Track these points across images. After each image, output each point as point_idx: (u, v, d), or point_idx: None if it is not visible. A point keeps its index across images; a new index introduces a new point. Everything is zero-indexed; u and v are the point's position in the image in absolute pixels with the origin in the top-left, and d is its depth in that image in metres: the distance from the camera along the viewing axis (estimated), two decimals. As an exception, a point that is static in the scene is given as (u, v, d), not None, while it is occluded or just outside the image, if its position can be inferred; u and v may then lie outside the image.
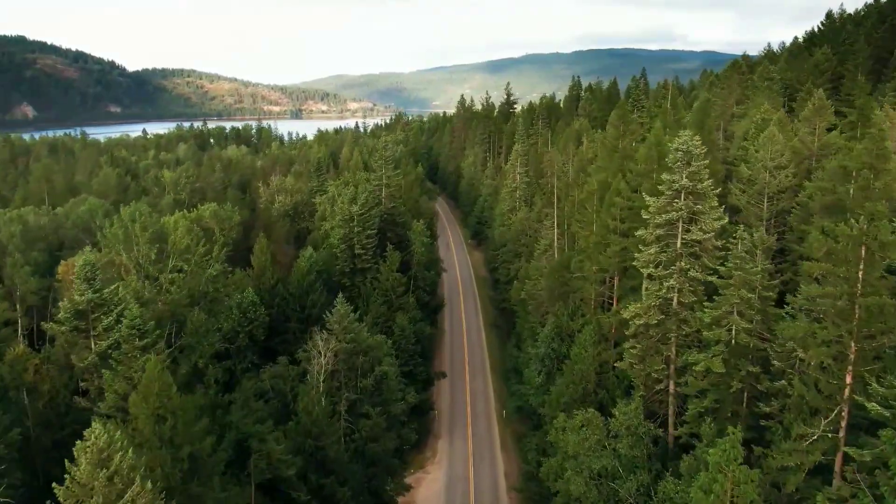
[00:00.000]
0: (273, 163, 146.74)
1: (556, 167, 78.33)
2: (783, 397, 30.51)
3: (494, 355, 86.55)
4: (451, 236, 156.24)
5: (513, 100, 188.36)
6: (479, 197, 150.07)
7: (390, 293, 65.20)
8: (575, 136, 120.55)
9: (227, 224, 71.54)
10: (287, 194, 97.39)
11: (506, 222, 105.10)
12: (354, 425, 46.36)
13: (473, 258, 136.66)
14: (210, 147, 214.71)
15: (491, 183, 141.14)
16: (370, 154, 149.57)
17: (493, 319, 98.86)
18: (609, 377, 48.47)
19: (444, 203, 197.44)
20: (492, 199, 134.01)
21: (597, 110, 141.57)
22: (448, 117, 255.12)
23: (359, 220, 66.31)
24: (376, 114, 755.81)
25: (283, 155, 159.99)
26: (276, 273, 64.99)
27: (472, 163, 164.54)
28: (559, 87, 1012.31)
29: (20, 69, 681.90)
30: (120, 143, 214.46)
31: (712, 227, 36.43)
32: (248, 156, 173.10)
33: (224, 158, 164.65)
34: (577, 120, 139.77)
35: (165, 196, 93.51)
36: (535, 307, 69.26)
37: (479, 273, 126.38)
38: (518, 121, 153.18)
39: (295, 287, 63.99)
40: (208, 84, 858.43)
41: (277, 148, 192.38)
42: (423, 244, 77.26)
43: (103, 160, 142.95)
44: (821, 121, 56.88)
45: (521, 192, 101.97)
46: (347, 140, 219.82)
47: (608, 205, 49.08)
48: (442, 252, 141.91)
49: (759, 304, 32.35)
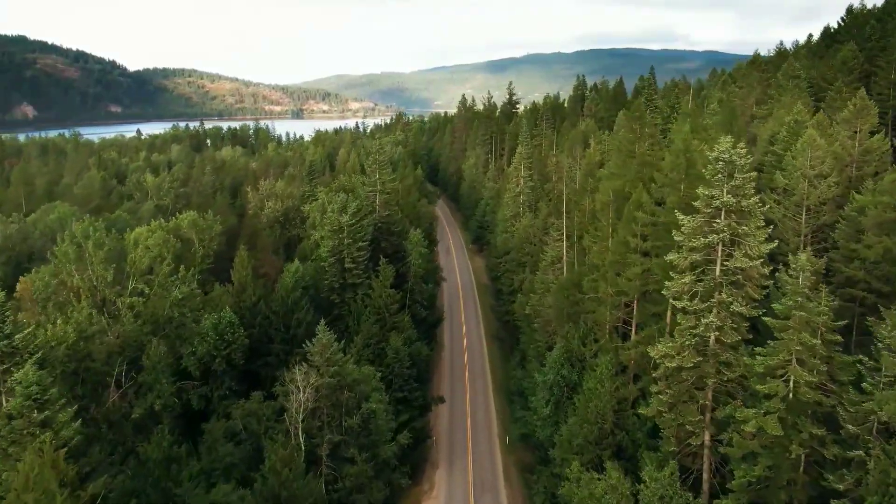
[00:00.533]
0: (267, 165, 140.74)
1: (564, 172, 72.00)
2: (859, 470, 24.34)
3: (497, 372, 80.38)
4: (452, 240, 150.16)
5: (515, 100, 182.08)
6: (480, 200, 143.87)
7: (383, 311, 59.00)
8: (581, 137, 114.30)
9: (207, 234, 65.36)
10: (277, 199, 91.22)
11: (509, 229, 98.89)
12: (338, 472, 40.20)
13: (475, 264, 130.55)
14: (206, 148, 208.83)
15: (493, 186, 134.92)
16: (367, 156, 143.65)
17: (496, 331, 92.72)
18: (628, 416, 42.30)
19: (445, 205, 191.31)
20: (494, 203, 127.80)
21: (603, 110, 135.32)
22: (449, 117, 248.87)
23: (349, 231, 60.12)
24: (377, 114, 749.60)
25: (278, 157, 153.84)
26: (259, 289, 58.83)
27: (473, 164, 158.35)
28: (561, 86, 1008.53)
29: (20, 69, 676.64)
30: (114, 143, 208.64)
31: (759, 251, 30.20)
32: (242, 157, 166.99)
33: (217, 160, 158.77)
34: (584, 121, 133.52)
35: (147, 202, 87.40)
36: (542, 326, 63.01)
37: (480, 280, 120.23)
38: (521, 121, 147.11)
39: (279, 304, 57.85)
40: (209, 84, 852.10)
41: (274, 149, 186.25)
42: (420, 255, 71.09)
43: (92, 162, 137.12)
44: (863, 123, 50.60)
45: (524, 197, 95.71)
46: (346, 141, 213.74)
47: (627, 219, 42.80)
48: (442, 257, 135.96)
49: (825, 350, 26.17)
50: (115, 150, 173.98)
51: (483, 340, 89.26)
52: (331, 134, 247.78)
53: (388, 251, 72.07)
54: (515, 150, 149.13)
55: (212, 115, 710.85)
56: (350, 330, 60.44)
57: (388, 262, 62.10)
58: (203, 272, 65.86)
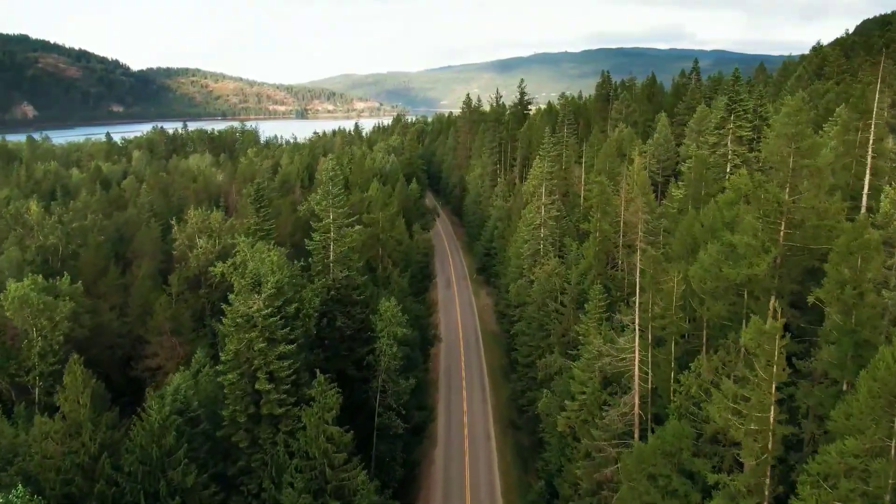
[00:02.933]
0: (231, 179, 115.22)
1: (621, 211, 45.90)
2: None
3: (511, 492, 54.62)
4: (453, 267, 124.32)
5: (527, 100, 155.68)
6: (487, 219, 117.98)
7: (321, 464, 33.50)
8: (615, 148, 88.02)
9: (52, 317, 39.91)
10: (212, 237, 65.73)
11: (525, 270, 73.11)
12: None
13: (480, 301, 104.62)
14: (183, 153, 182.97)
15: (502, 205, 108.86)
16: (350, 166, 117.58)
17: (509, 415, 67.07)
18: None
19: (447, 219, 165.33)
20: (503, 227, 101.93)
21: (637, 113, 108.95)
22: (452, 119, 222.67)
23: (264, 326, 34.46)
24: (383, 113, 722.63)
25: (251, 167, 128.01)
26: (105, 429, 33.51)
27: (479, 176, 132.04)
28: (569, 86, 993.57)
29: (21, 68, 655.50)
30: (70, 149, 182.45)
31: None
32: (212, 167, 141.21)
33: (183, 169, 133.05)
34: (614, 125, 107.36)
35: (30, 243, 61.97)
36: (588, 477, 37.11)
37: (487, 326, 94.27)
38: (536, 124, 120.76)
39: (138, 457, 32.55)
40: (213, 83, 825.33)
41: (254, 156, 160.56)
42: (396, 338, 45.32)
43: (17, 168, 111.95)
44: None
45: (547, 230, 69.71)
46: (336, 145, 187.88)
47: (874, 395, 16.95)
48: (440, 289, 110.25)
49: None
50: (53, 158, 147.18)
51: (491, 435, 63.44)
52: (325, 136, 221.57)
53: (346, 332, 46.45)
54: (529, 159, 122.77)
55: (215, 115, 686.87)
56: (266, 496, 34.89)
57: (329, 380, 36.20)
58: (50, 377, 40.56)
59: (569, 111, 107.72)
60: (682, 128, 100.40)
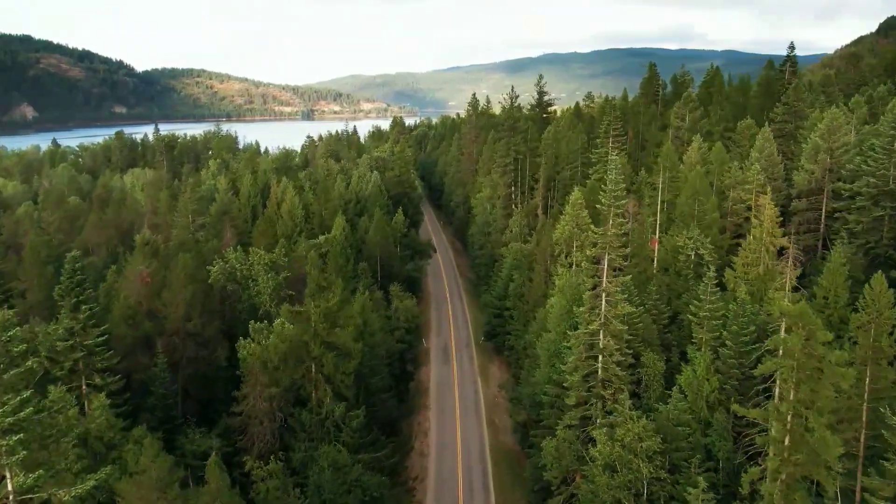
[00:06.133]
0: (166, 205, 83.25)
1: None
2: None
3: None
4: (453, 322, 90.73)
5: (548, 100, 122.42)
6: (498, 260, 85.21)
7: None
8: (701, 173, 54.82)
9: None
10: None
11: (562, 380, 40.18)
12: None
13: (488, 388, 71.25)
14: (141, 164, 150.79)
15: (521, 248, 75.79)
16: (312, 191, 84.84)
17: None
18: None
19: (447, 243, 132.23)
20: (521, 280, 69.16)
21: (714, 120, 75.45)
22: (457, 122, 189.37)
23: None
24: (390, 114, 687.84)
25: (196, 187, 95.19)
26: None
27: (488, 198, 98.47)
28: (578, 86, 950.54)
29: (23, 69, 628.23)
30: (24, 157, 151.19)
31: None
32: (152, 186, 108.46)
33: (105, 196, 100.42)
34: (678, 137, 74.30)
35: None
36: None
37: (503, 444, 60.81)
38: (564, 131, 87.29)
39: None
40: (218, 84, 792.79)
41: (216, 169, 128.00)
42: None
43: None
44: None
45: (613, 341, 36.63)
46: (319, 153, 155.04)
47: None
48: (435, 366, 76.69)
49: None
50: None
51: None
52: (311, 144, 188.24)
53: None
54: (555, 180, 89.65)
55: (220, 116, 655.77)
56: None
57: None
58: None
59: (615, 117, 74.30)
60: (783, 140, 67.30)
